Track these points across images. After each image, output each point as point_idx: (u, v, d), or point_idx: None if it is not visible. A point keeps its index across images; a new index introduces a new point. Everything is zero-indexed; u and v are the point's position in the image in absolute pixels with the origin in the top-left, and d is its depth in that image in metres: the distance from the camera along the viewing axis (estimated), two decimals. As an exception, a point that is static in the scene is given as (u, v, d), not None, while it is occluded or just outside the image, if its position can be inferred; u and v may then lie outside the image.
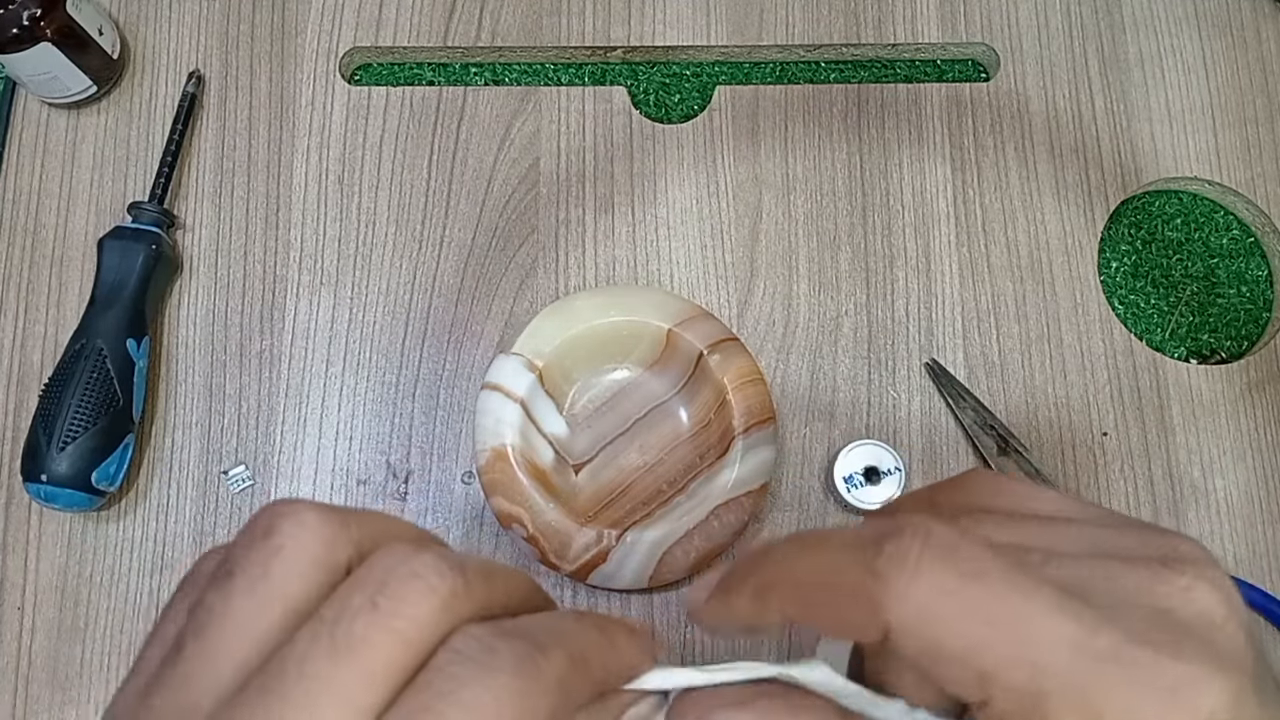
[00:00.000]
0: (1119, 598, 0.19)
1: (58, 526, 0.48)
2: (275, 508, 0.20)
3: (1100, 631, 0.18)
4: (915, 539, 0.19)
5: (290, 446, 0.49)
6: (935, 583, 0.19)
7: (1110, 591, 0.19)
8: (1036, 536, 0.21)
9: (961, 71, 0.57)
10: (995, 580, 0.18)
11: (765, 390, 0.46)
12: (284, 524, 0.19)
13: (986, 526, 0.21)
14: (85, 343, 0.46)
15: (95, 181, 0.52)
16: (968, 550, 0.19)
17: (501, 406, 0.46)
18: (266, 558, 0.19)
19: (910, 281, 0.52)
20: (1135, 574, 0.19)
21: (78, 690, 0.46)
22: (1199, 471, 0.50)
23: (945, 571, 0.19)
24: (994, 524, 0.21)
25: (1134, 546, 0.20)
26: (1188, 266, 0.55)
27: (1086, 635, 0.18)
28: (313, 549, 0.19)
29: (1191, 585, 0.19)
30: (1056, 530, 0.21)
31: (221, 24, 0.55)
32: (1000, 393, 0.50)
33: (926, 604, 0.19)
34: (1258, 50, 0.56)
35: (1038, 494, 0.23)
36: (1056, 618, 0.18)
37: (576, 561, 0.44)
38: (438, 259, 0.52)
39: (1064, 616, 0.18)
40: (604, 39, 0.55)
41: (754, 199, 0.53)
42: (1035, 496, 0.23)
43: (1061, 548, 0.20)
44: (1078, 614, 0.18)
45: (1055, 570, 0.19)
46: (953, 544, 0.19)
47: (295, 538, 0.19)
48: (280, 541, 0.19)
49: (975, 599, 0.18)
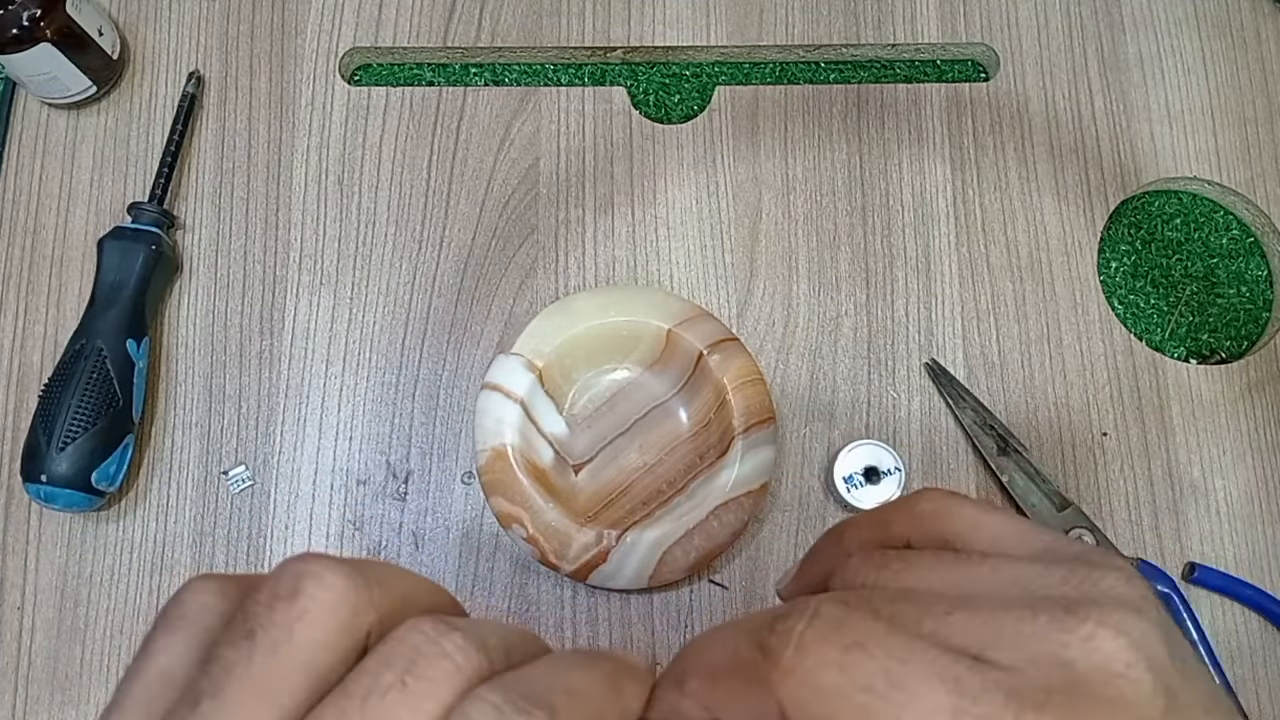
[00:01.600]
0: (1021, 651, 0.18)
1: (58, 527, 0.48)
2: (299, 566, 0.19)
3: (980, 698, 0.18)
4: (802, 617, 0.19)
5: (290, 446, 0.49)
6: (818, 655, 0.19)
7: (1014, 644, 0.19)
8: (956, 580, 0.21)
9: (961, 71, 0.57)
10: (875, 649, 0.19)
11: (765, 390, 0.46)
12: (309, 585, 0.19)
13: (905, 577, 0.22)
14: (85, 343, 0.46)
15: (95, 181, 0.52)
16: (852, 621, 0.19)
17: (501, 406, 0.46)
18: (291, 620, 0.18)
19: (910, 281, 0.52)
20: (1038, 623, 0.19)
21: (78, 690, 0.46)
22: (1199, 471, 0.50)
23: (827, 644, 0.19)
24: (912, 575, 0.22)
25: (1053, 585, 0.20)
26: (1187, 266, 0.55)
27: (966, 703, 0.18)
28: (339, 614, 0.19)
29: (1093, 634, 0.18)
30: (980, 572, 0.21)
31: (221, 24, 0.55)
32: (1000, 393, 0.50)
33: (810, 678, 0.19)
34: (1258, 50, 0.56)
35: (981, 520, 0.23)
36: (934, 685, 0.18)
37: (576, 561, 0.44)
38: (438, 259, 0.52)
39: (942, 684, 0.18)
40: (604, 39, 0.55)
41: (754, 199, 0.53)
42: (978, 525, 0.23)
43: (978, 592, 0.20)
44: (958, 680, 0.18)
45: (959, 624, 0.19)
46: (838, 618, 0.19)
47: (321, 600, 0.19)
48: (305, 604, 0.19)
49: (855, 669, 0.18)
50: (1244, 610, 0.48)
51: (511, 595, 0.47)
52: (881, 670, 0.18)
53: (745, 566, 0.48)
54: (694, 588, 0.48)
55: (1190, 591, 0.48)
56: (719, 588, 0.48)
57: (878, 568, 0.22)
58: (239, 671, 0.18)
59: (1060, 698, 0.18)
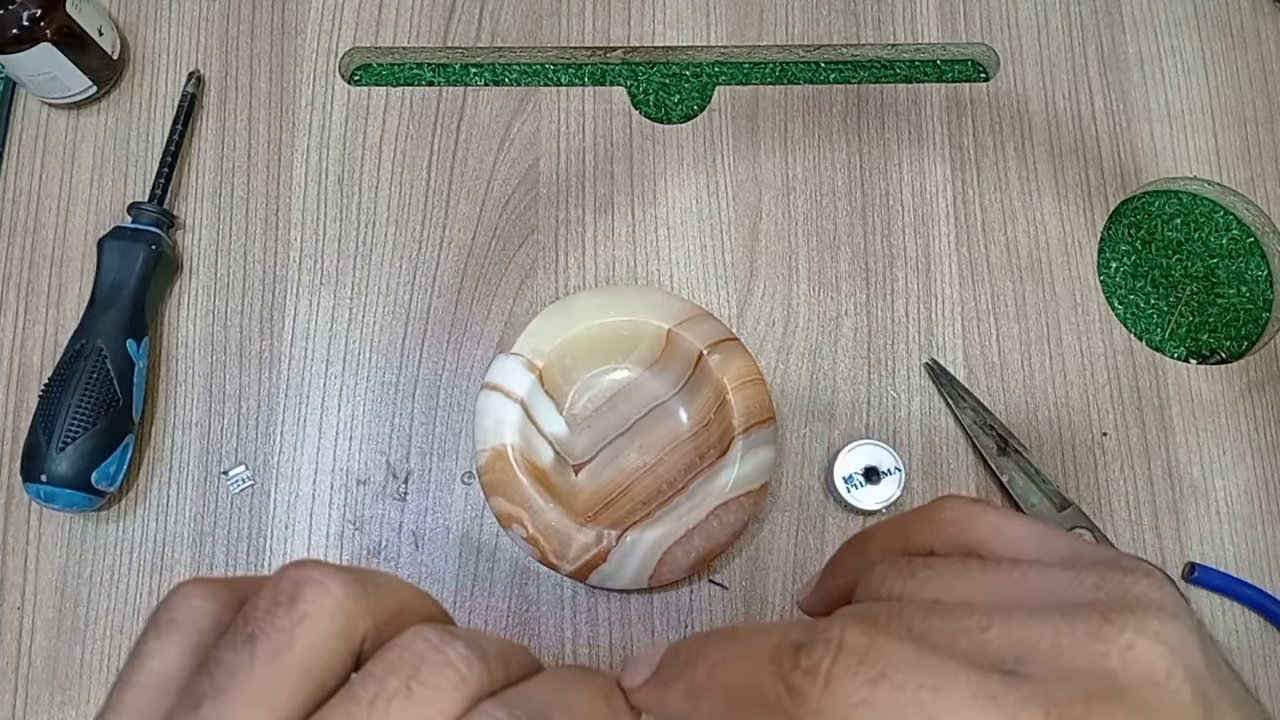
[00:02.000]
0: (1059, 662, 0.18)
1: (58, 526, 0.48)
2: (299, 572, 0.20)
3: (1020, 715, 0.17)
4: (827, 651, 0.19)
5: (290, 446, 0.49)
6: (846, 694, 0.18)
7: (1052, 656, 0.18)
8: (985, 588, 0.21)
9: (961, 71, 0.57)
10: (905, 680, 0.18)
11: (765, 390, 0.46)
12: (309, 591, 0.19)
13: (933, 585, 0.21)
14: (85, 343, 0.46)
15: (95, 181, 0.52)
16: (878, 650, 0.19)
17: (501, 406, 0.46)
18: (291, 625, 0.19)
19: (910, 281, 0.52)
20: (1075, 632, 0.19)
21: (78, 690, 0.46)
22: (1199, 471, 0.50)
23: (854, 681, 0.18)
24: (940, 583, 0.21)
25: (1087, 592, 0.20)
26: (1187, 266, 0.55)
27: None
28: (338, 619, 0.19)
29: (1132, 642, 0.18)
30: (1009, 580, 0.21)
31: (221, 24, 0.55)
32: (1000, 393, 0.50)
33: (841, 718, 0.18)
34: (1258, 50, 0.56)
35: (1004, 526, 0.23)
36: (970, 709, 0.18)
37: (576, 561, 0.44)
38: (438, 259, 0.52)
39: (977, 704, 0.18)
40: (604, 39, 0.55)
41: (754, 199, 0.53)
42: (1001, 531, 0.22)
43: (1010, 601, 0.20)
44: (995, 698, 0.18)
45: (994, 638, 0.19)
46: (863, 649, 0.19)
47: (321, 605, 0.19)
48: (306, 609, 0.19)
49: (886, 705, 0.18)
50: (1244, 610, 0.48)
51: (511, 595, 0.47)
52: (913, 702, 0.18)
53: (745, 566, 0.48)
54: (694, 588, 0.48)
55: (1190, 591, 0.48)
56: (719, 588, 0.48)
57: (904, 576, 0.22)
58: (241, 675, 0.18)
59: (1101, 708, 0.17)
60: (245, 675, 0.18)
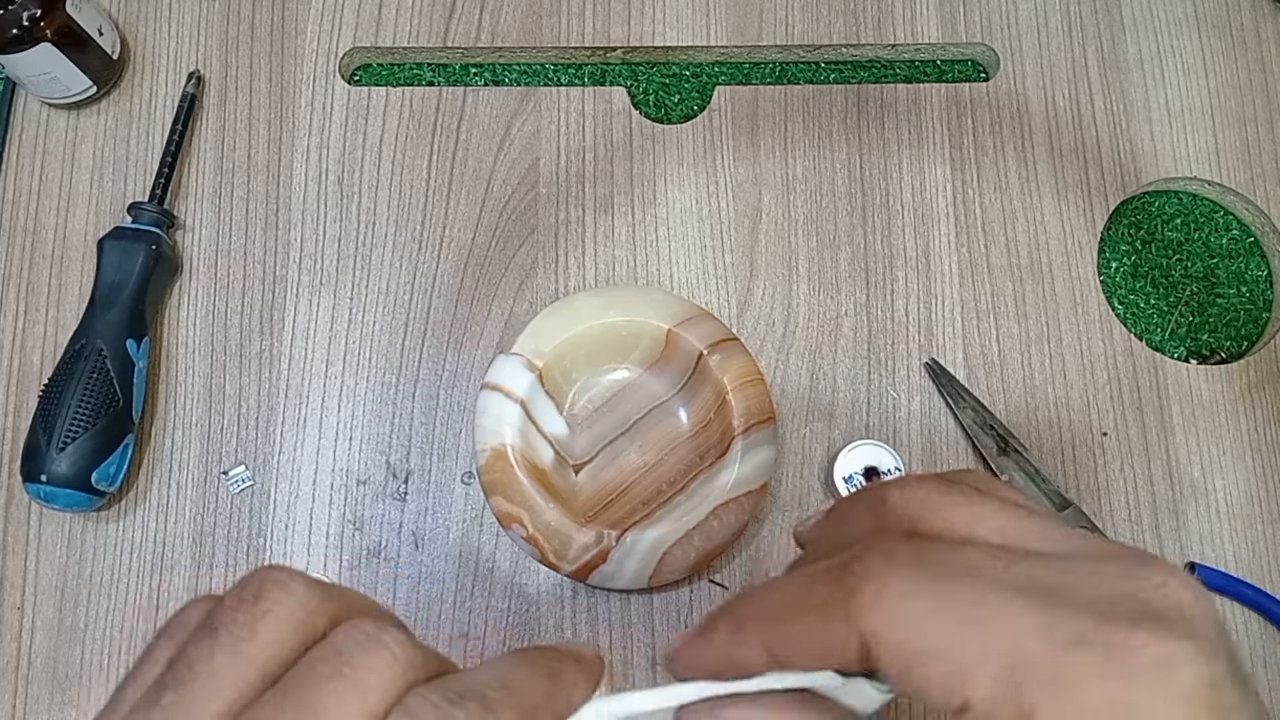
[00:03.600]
0: (1094, 593, 0.19)
1: (58, 527, 0.48)
2: (267, 574, 0.21)
3: (1069, 617, 0.18)
4: (880, 556, 0.20)
5: (290, 446, 0.49)
6: (901, 588, 0.20)
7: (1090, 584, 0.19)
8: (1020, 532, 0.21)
9: (961, 71, 0.57)
10: (959, 579, 0.20)
11: (765, 390, 0.46)
12: (272, 590, 0.20)
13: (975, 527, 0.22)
14: (85, 343, 0.46)
15: (95, 182, 0.52)
16: (932, 557, 0.20)
17: (501, 406, 0.46)
18: (253, 620, 0.20)
19: (910, 281, 0.52)
20: (1108, 570, 0.20)
21: (78, 690, 0.46)
22: (1199, 471, 0.50)
23: (910, 578, 0.20)
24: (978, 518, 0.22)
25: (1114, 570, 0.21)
26: (1187, 266, 0.55)
27: (1056, 620, 0.18)
28: (298, 615, 0.20)
29: (1165, 582, 0.19)
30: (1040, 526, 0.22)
31: (221, 24, 0.55)
32: (1000, 392, 0.50)
33: (895, 607, 0.20)
34: (1258, 50, 0.56)
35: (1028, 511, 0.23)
36: (1020, 606, 0.19)
37: (576, 561, 0.44)
38: (438, 259, 0.52)
39: (1028, 606, 0.19)
40: (604, 39, 0.55)
41: (754, 199, 0.53)
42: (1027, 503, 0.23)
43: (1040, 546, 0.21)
44: (1043, 603, 0.19)
45: (1028, 568, 0.20)
46: (916, 556, 0.20)
47: (282, 603, 0.20)
48: (267, 607, 0.20)
49: (940, 596, 0.19)
50: (1244, 610, 0.48)
51: (511, 595, 0.47)
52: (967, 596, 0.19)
53: (745, 566, 0.48)
54: (694, 588, 0.48)
55: (1190, 591, 0.48)
56: (719, 588, 0.48)
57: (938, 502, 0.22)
58: (201, 667, 0.19)
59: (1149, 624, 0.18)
60: (205, 666, 0.19)
